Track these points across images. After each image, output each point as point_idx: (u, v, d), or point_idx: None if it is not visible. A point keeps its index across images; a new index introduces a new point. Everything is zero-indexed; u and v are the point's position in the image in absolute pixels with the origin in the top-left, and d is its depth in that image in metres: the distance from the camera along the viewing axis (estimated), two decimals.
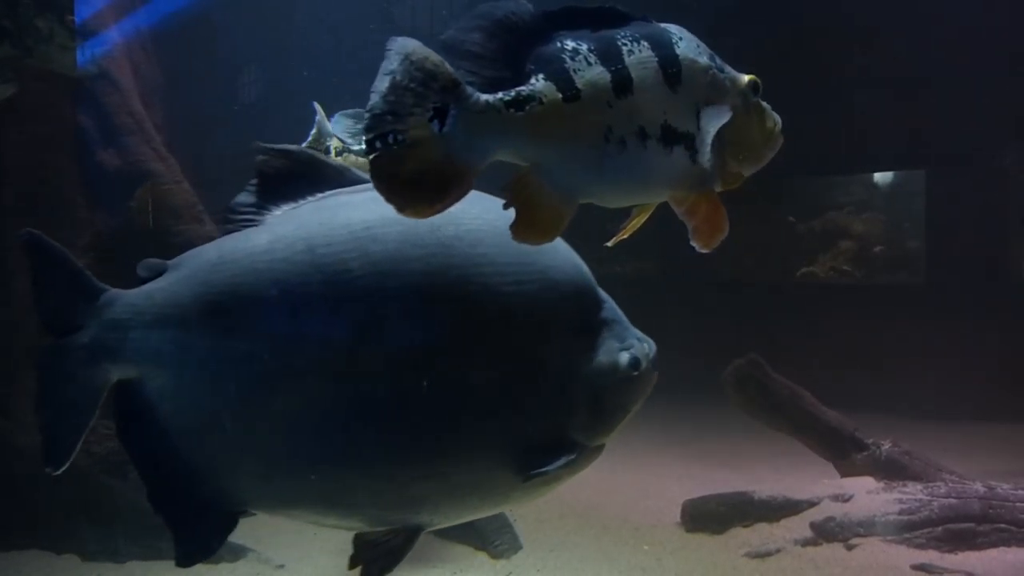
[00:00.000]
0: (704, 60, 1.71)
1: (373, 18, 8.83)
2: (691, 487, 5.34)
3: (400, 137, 1.42)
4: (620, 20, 1.64)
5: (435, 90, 1.44)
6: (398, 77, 1.44)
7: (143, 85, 6.08)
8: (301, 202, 1.99)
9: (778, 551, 4.45)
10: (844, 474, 5.07)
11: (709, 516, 4.84)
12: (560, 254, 1.97)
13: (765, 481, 5.20)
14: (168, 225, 5.55)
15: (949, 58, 7.98)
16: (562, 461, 1.90)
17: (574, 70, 1.55)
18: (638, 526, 4.97)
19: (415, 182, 1.45)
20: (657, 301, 10.01)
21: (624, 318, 2.08)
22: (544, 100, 1.52)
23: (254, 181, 2.04)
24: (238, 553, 4.58)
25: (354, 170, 2.06)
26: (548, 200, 1.57)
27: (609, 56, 1.58)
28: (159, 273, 2.04)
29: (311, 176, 2.01)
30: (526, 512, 5.21)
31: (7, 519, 4.70)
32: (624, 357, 2.00)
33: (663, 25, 1.70)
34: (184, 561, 1.98)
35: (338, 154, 3.53)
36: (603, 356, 1.99)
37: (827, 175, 10.23)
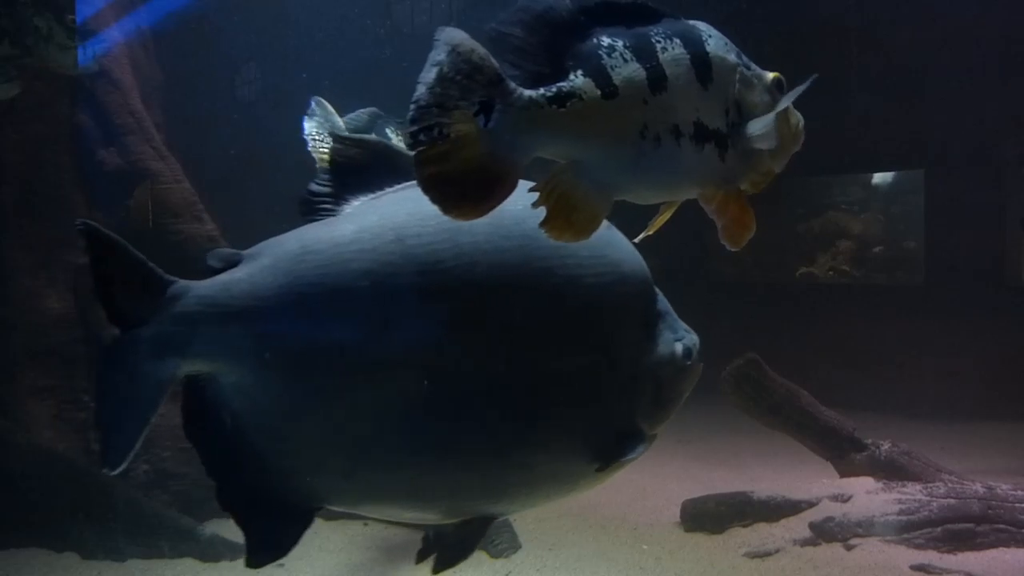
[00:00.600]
0: (733, 58, 1.72)
1: (373, 16, 8.83)
2: (690, 487, 5.35)
3: (445, 131, 1.39)
4: (652, 16, 1.64)
5: (481, 84, 1.41)
6: (445, 68, 1.41)
7: (143, 84, 6.08)
8: (379, 192, 1.95)
9: (777, 551, 4.46)
10: (843, 474, 5.07)
11: (708, 516, 4.84)
12: (626, 247, 1.99)
13: (764, 481, 5.21)
14: (167, 224, 5.55)
15: (948, 58, 7.99)
16: (640, 450, 1.95)
17: (611, 67, 1.54)
18: (637, 525, 4.97)
19: (460, 181, 1.42)
20: None
21: (672, 310, 2.12)
22: (584, 97, 1.50)
23: (327, 171, 1.99)
24: (238, 552, 4.57)
25: None
26: (585, 197, 1.56)
27: (644, 53, 1.58)
28: (233, 264, 1.92)
29: (386, 166, 1.97)
30: (524, 512, 5.21)
31: (7, 517, 4.70)
32: (679, 348, 2.06)
33: (692, 22, 1.71)
34: (256, 562, 1.87)
35: None
36: (662, 347, 2.04)
37: (826, 175, 10.23)
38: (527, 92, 1.46)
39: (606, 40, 1.56)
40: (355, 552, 4.69)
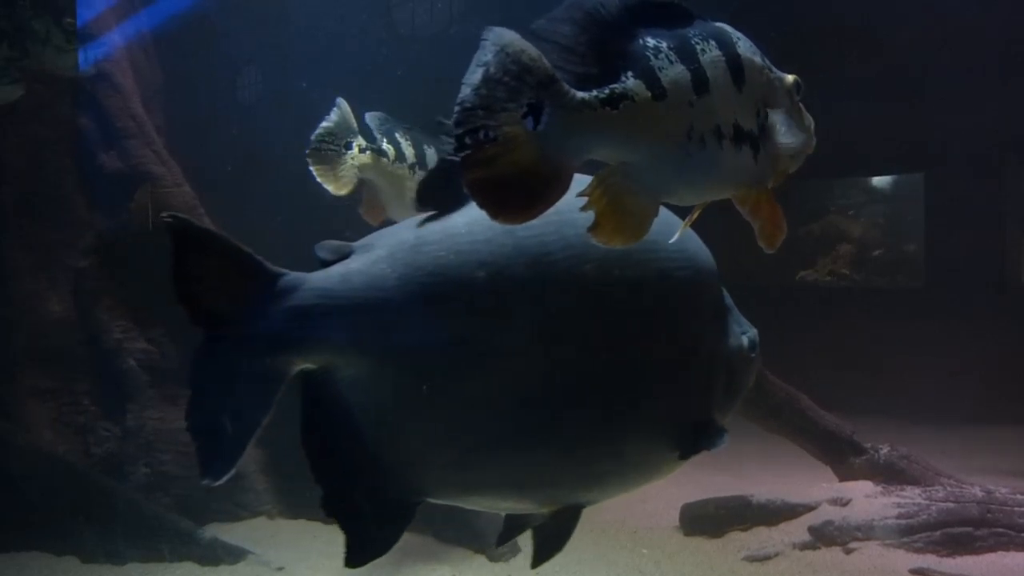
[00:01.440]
0: (759, 60, 1.73)
1: (373, 20, 8.84)
2: (689, 490, 5.34)
3: (491, 134, 1.35)
4: (686, 18, 1.64)
5: (530, 85, 1.37)
6: (491, 69, 1.37)
7: (144, 88, 6.09)
8: None
9: (776, 555, 4.46)
10: (842, 478, 5.07)
11: (707, 520, 4.85)
12: (699, 242, 2.02)
13: (763, 485, 5.21)
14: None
15: (947, 61, 8.00)
16: (725, 440, 2.00)
17: (658, 68, 1.53)
18: (636, 529, 4.97)
19: (508, 185, 1.38)
20: None
21: (734, 305, 2.17)
22: (636, 98, 1.49)
23: (439, 163, 1.99)
24: (238, 555, 4.59)
25: None
26: (635, 201, 1.55)
27: (686, 55, 1.57)
28: (344, 255, 1.88)
29: None
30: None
31: (6, 520, 4.70)
32: (745, 340, 2.13)
33: (718, 24, 1.71)
34: (356, 561, 1.83)
35: (361, 151, 3.54)
36: (732, 339, 2.10)
37: (826, 178, 10.24)
38: (579, 94, 1.43)
39: (651, 41, 1.55)
40: None
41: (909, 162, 9.15)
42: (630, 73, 1.50)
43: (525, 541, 5.13)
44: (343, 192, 3.51)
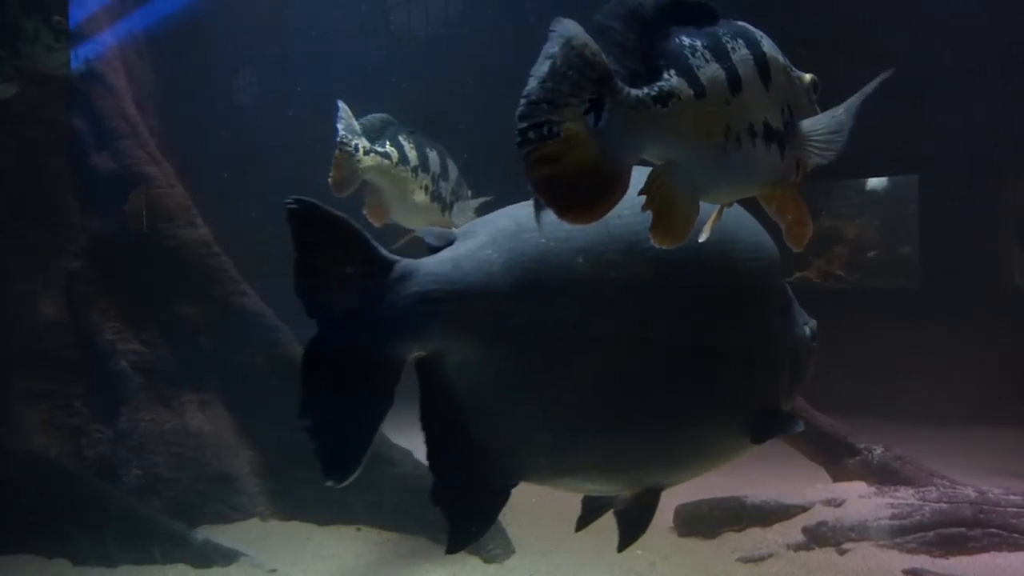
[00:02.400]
0: (782, 59, 1.75)
1: (370, 22, 8.84)
2: (683, 491, 5.33)
3: (555, 129, 1.34)
4: (713, 17, 1.65)
5: (592, 80, 1.36)
6: (558, 63, 1.35)
7: (137, 88, 6.08)
8: None
9: (770, 555, 4.46)
10: (836, 479, 5.08)
11: (702, 520, 4.84)
12: (767, 234, 2.06)
13: (757, 486, 5.21)
14: (161, 228, 5.55)
15: (942, 63, 8.02)
16: (800, 426, 2.08)
17: (696, 67, 1.53)
18: None
19: (573, 183, 1.37)
20: None
21: (794, 297, 2.23)
22: (681, 97, 1.48)
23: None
24: (230, 558, 4.57)
25: None
26: (682, 199, 1.54)
27: (719, 53, 1.58)
28: (449, 242, 1.90)
29: None
30: (519, 516, 5.21)
31: None
32: (807, 330, 2.20)
33: (742, 23, 1.72)
34: (456, 546, 1.86)
35: (366, 153, 3.55)
36: (797, 328, 2.16)
37: (821, 180, 10.26)
38: (634, 91, 1.42)
39: (687, 40, 1.55)
40: (348, 558, 4.68)
41: (904, 164, 9.17)
42: (672, 71, 1.50)
43: (519, 543, 5.13)
44: (345, 193, 3.52)
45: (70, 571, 4.62)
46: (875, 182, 10.36)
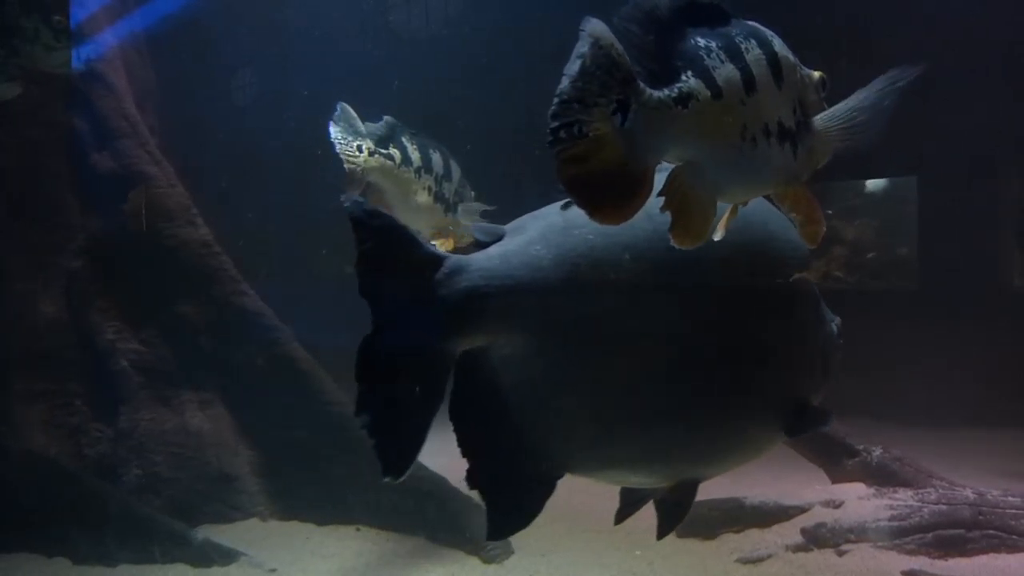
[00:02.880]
0: (792, 57, 1.76)
1: (369, 23, 8.84)
2: None
3: (584, 129, 1.34)
4: (725, 17, 1.65)
5: (617, 81, 1.37)
6: (587, 62, 1.35)
7: (137, 88, 6.08)
8: None
9: (769, 557, 4.46)
10: (835, 480, 5.08)
11: (701, 521, 4.84)
12: (796, 231, 2.08)
13: (756, 487, 5.21)
14: (161, 228, 5.55)
15: (944, 62, 8.02)
16: (832, 420, 2.13)
17: (712, 67, 1.53)
18: (630, 531, 4.94)
19: (603, 183, 1.38)
20: None
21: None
22: (700, 97, 1.49)
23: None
24: (230, 557, 4.57)
25: None
26: (700, 200, 1.55)
27: (733, 54, 1.58)
28: (498, 237, 1.94)
29: None
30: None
31: None
32: (834, 326, 2.25)
33: (752, 23, 1.72)
34: (499, 533, 1.91)
35: (370, 154, 3.56)
36: (826, 325, 2.22)
37: (819, 180, 10.26)
38: (655, 92, 1.43)
39: (702, 40, 1.56)
40: (348, 557, 4.68)
41: (903, 164, 9.17)
42: (689, 72, 1.51)
43: (518, 544, 5.14)
44: (352, 195, 3.53)
45: (70, 570, 4.62)
46: (874, 183, 10.37)
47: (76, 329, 5.49)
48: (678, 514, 2.20)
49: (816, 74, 1.85)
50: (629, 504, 2.31)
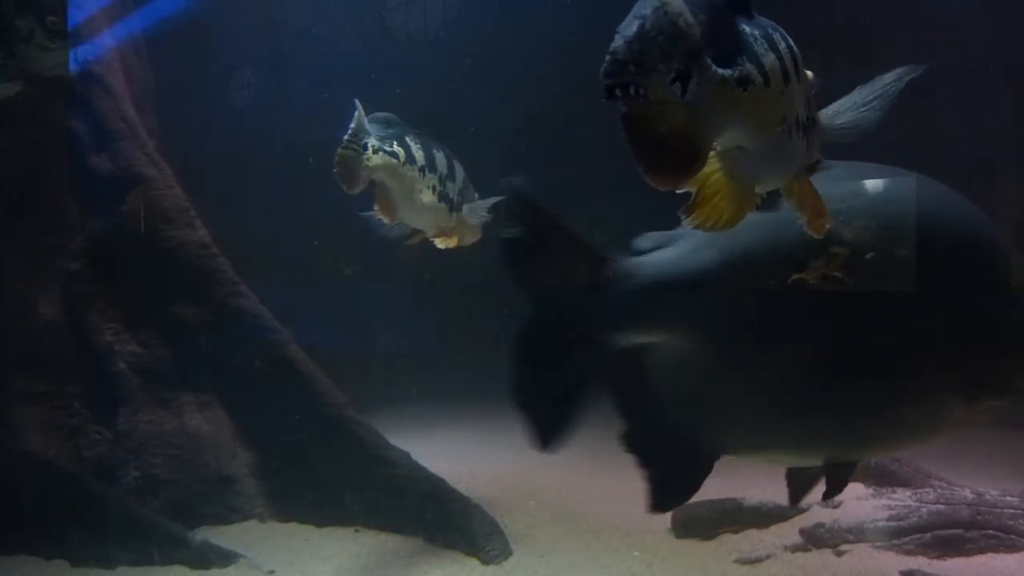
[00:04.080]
0: (799, 52, 1.79)
1: (368, 23, 8.84)
2: None
3: (641, 91, 1.30)
4: (750, 10, 1.65)
5: (681, 52, 1.32)
6: (648, 25, 1.30)
7: (136, 90, 6.08)
8: None
9: (768, 557, 4.47)
10: None
11: (699, 522, 4.85)
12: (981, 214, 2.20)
13: (755, 487, 5.21)
14: (160, 229, 5.55)
15: (941, 64, 8.02)
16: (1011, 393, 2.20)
17: (760, 55, 1.52)
18: (628, 532, 4.97)
19: (666, 147, 1.34)
20: None
21: None
22: (756, 82, 1.47)
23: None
24: (228, 559, 4.57)
25: None
26: (738, 186, 1.54)
27: (772, 44, 1.58)
28: (664, 244, 2.09)
29: None
30: (516, 517, 5.21)
31: None
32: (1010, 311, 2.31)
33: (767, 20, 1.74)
34: (663, 506, 2.12)
35: (375, 152, 3.57)
36: (1001, 307, 2.26)
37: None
38: (719, 70, 1.39)
39: (747, 28, 1.54)
40: (346, 559, 4.68)
41: (903, 164, 9.17)
42: (744, 57, 1.49)
43: (517, 545, 5.13)
44: (355, 190, 3.54)
45: (68, 572, 4.62)
46: (873, 183, 10.37)
47: (74, 330, 5.49)
48: (839, 486, 2.29)
49: (809, 72, 1.87)
50: (799, 489, 2.39)
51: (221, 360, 5.52)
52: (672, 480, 2.08)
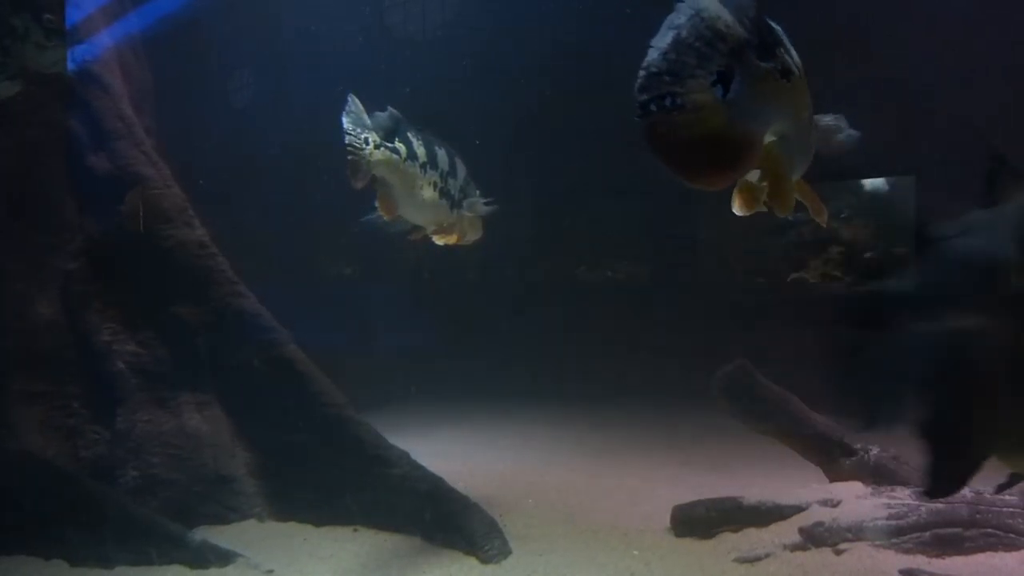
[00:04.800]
0: None
1: (367, 23, 8.84)
2: (680, 492, 5.35)
3: (678, 101, 1.33)
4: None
5: (722, 53, 1.34)
6: (684, 33, 1.33)
7: (134, 89, 6.07)
8: None
9: (767, 556, 4.46)
10: (833, 479, 5.08)
11: (698, 521, 4.85)
12: None
13: (754, 486, 5.21)
14: (158, 229, 5.54)
15: (941, 64, 8.02)
16: None
17: (789, 48, 1.55)
18: (627, 531, 4.97)
19: (699, 151, 1.37)
20: (647, 306, 10.02)
21: None
22: (796, 72, 1.51)
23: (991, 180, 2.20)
24: (227, 558, 4.57)
25: None
26: (788, 172, 1.58)
27: (789, 40, 1.61)
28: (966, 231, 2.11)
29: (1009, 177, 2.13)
30: (515, 517, 5.21)
31: None
32: None
33: None
34: (940, 492, 2.15)
35: (376, 147, 3.57)
36: None
37: (817, 181, 10.26)
38: (763, 63, 1.43)
39: (773, 23, 1.57)
40: (345, 558, 4.68)
41: (902, 164, 9.18)
42: (781, 48, 1.52)
43: (516, 544, 5.11)
44: (360, 185, 3.54)
45: (67, 572, 4.61)
46: (872, 183, 10.37)
47: (73, 330, 5.48)
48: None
49: None
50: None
51: (220, 360, 5.52)
52: (948, 472, 2.10)
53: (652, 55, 1.32)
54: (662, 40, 1.33)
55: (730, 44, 1.34)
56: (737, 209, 1.59)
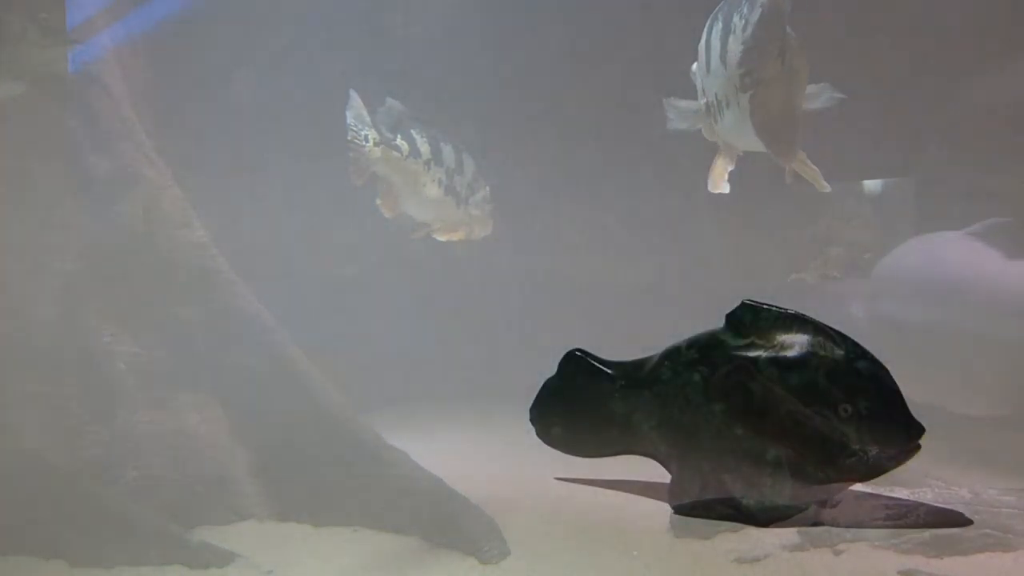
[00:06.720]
0: None
1: (365, 26, 8.84)
2: None
3: (759, 75, 1.53)
4: None
5: (784, 30, 1.52)
6: (765, 12, 1.54)
7: (135, 90, 6.07)
8: None
9: (766, 556, 4.46)
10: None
11: (697, 522, 4.84)
12: None
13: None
14: (158, 230, 5.54)
15: (940, 64, 8.03)
16: None
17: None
18: (626, 532, 4.97)
19: (781, 122, 1.57)
20: (648, 305, 10.03)
21: None
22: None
23: None
24: (227, 559, 4.57)
25: None
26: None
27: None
28: None
29: None
30: (514, 517, 5.21)
31: None
32: None
33: None
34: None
35: (376, 145, 3.57)
36: None
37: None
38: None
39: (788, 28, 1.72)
40: (344, 558, 4.68)
41: (901, 164, 9.19)
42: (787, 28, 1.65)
43: (514, 544, 5.12)
44: (360, 182, 3.54)
45: (66, 572, 4.62)
46: (872, 183, 10.38)
47: (72, 331, 5.48)
48: None
49: None
50: None
51: (219, 360, 5.52)
52: None
53: (747, 31, 1.60)
54: (753, 16, 1.59)
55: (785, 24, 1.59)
56: (712, 186, 1.74)
